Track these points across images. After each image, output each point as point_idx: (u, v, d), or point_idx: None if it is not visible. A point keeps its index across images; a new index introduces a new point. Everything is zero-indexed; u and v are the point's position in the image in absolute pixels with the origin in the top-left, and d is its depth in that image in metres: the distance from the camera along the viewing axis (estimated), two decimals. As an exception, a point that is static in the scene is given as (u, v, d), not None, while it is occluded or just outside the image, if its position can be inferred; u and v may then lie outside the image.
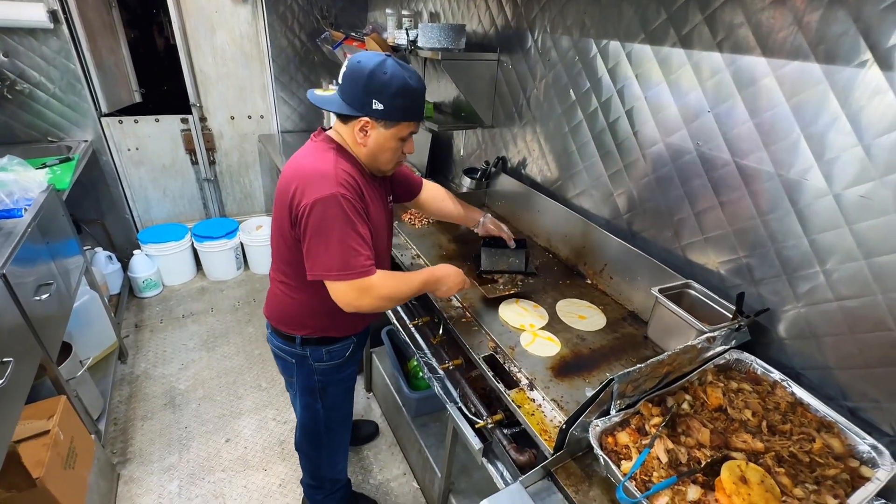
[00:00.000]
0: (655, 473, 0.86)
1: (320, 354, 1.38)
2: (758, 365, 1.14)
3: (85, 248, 2.89)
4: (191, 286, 3.30)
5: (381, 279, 1.14)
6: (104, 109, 2.87)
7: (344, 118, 1.17)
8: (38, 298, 1.60)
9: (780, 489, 0.83)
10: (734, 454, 0.89)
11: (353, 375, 1.57)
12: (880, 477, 0.90)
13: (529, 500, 0.89)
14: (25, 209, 1.78)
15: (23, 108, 2.65)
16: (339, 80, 1.14)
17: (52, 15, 2.47)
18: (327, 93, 1.18)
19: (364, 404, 2.42)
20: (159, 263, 3.15)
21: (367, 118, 1.12)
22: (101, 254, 2.93)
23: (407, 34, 2.07)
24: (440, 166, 2.74)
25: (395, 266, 1.78)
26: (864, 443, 0.96)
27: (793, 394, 1.07)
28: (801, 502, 0.82)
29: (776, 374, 1.11)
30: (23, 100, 2.63)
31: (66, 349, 1.91)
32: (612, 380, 0.92)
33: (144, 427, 2.20)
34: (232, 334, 2.84)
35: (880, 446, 0.95)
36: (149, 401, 2.34)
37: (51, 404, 1.58)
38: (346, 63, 1.12)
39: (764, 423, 0.97)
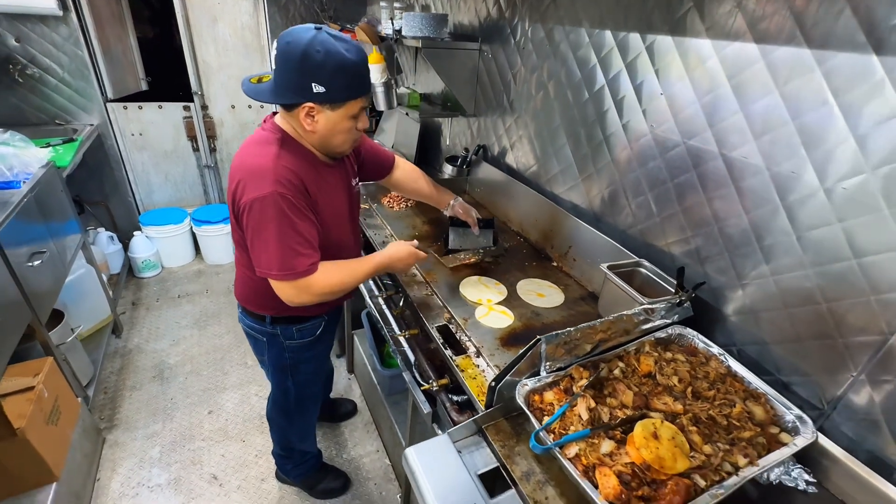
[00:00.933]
0: (572, 428, 0.90)
1: (291, 332, 1.41)
2: (699, 340, 1.16)
3: (88, 227, 3.03)
4: (188, 269, 3.40)
5: (322, 276, 1.14)
6: (110, 95, 2.99)
7: (287, 106, 1.10)
8: (30, 264, 1.69)
9: (691, 446, 0.86)
10: (652, 414, 0.93)
11: (324, 353, 1.60)
12: (798, 443, 0.93)
13: (453, 449, 0.94)
14: (24, 182, 1.88)
15: (33, 91, 2.78)
16: (273, 65, 1.06)
17: (62, 2, 2.59)
18: (264, 80, 1.11)
19: (345, 385, 2.48)
20: (159, 245, 3.26)
21: (310, 103, 1.06)
22: (104, 234, 3.05)
23: (392, 24, 2.13)
24: (429, 156, 2.80)
25: (368, 244, 1.84)
26: (790, 413, 0.99)
27: (728, 367, 1.10)
28: (710, 458, 0.85)
29: (715, 349, 1.14)
30: (33, 84, 2.76)
31: (58, 317, 2.01)
32: (540, 339, 0.96)
33: (133, 397, 2.29)
34: (223, 315, 2.93)
35: (805, 416, 0.98)
36: (139, 373, 2.44)
37: (38, 364, 1.67)
38: (275, 44, 1.04)
39: (689, 389, 1.00)
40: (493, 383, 0.97)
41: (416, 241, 1.39)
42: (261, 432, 2.15)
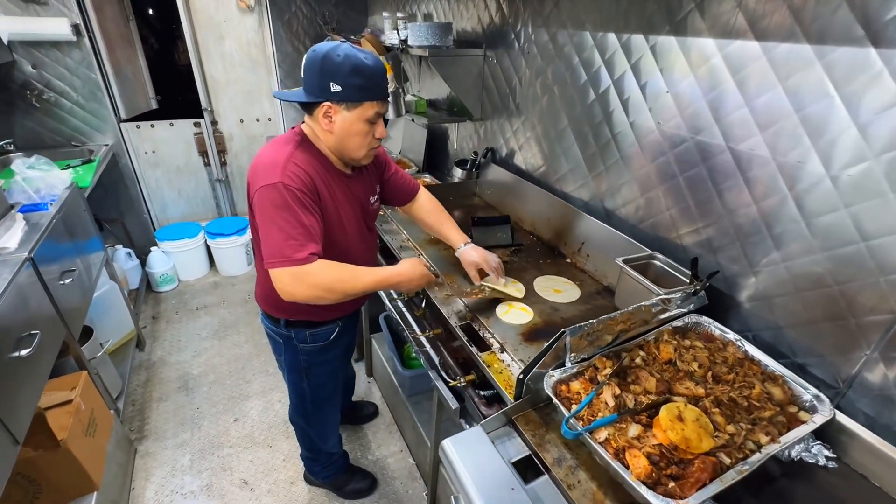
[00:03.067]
0: (600, 414, 0.94)
1: (304, 336, 1.44)
2: (715, 327, 1.21)
3: (106, 245, 3.10)
4: (204, 281, 3.47)
5: (320, 269, 1.12)
6: (123, 115, 3.07)
7: (309, 108, 1.19)
8: (62, 283, 1.76)
9: (714, 426, 0.91)
10: (675, 398, 0.97)
11: (340, 357, 1.61)
12: (816, 420, 0.97)
13: (487, 439, 0.98)
14: (51, 204, 1.95)
15: (49, 115, 2.86)
16: (302, 75, 1.17)
17: (75, 28, 2.67)
18: (293, 90, 1.23)
19: (365, 388, 2.53)
20: (175, 260, 3.33)
21: (328, 102, 1.14)
22: (122, 251, 3.12)
23: (398, 34, 2.19)
24: (436, 160, 2.86)
25: (386, 250, 1.89)
26: (807, 393, 1.03)
27: (745, 352, 1.14)
28: (733, 437, 0.90)
29: (731, 335, 1.18)
30: (49, 108, 2.84)
31: (87, 333, 2.08)
32: (564, 332, 1.01)
33: (160, 408, 2.35)
34: (242, 325, 2.99)
35: (822, 395, 1.02)
36: (164, 384, 2.50)
37: (73, 378, 1.73)
38: (305, 57, 1.17)
39: (709, 374, 1.05)
40: (522, 376, 1.02)
41: (429, 263, 1.38)
42: (286, 437, 2.20)
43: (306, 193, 1.14)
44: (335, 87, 1.12)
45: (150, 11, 4.00)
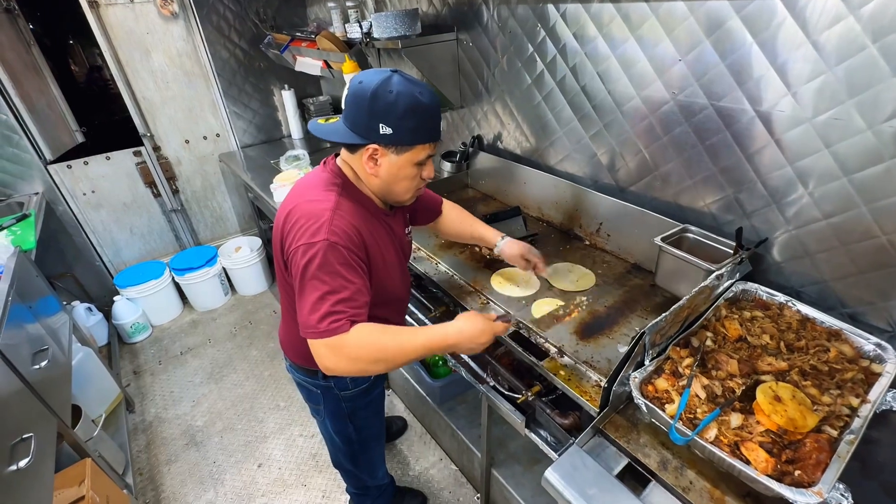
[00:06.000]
0: (699, 410, 0.92)
1: (345, 383, 1.33)
2: (763, 291, 1.22)
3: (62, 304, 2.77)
4: (181, 321, 3.20)
5: (359, 337, 0.97)
6: (49, 157, 2.69)
7: (351, 147, 1.06)
8: (37, 367, 1.53)
9: (811, 400, 0.91)
10: (763, 377, 0.96)
11: (382, 394, 1.52)
12: (889, 370, 0.99)
13: (588, 457, 0.94)
14: (-1, 277, 1.68)
15: (-42, 170, 2.46)
16: (343, 105, 1.04)
17: (-30, 65, 2.28)
18: (331, 121, 1.07)
19: (386, 402, 2.44)
20: (143, 305, 3.04)
21: (375, 145, 1.00)
22: (80, 307, 2.79)
23: (360, 26, 2.01)
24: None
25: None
26: (868, 343, 1.06)
27: (799, 311, 1.15)
28: (830, 407, 0.90)
29: (780, 297, 1.19)
30: (-44, 162, 2.44)
31: (76, 412, 1.85)
32: (644, 333, 0.97)
33: (171, 471, 2.16)
34: (236, 361, 2.79)
35: (883, 343, 1.04)
36: (169, 444, 2.30)
37: (78, 469, 1.54)
38: (347, 85, 1.02)
39: (782, 344, 1.05)
40: (607, 384, 0.98)
41: (492, 314, 1.14)
42: (319, 472, 2.09)
43: (353, 251, 1.01)
44: (385, 129, 0.97)
45: (31, 27, 3.50)
